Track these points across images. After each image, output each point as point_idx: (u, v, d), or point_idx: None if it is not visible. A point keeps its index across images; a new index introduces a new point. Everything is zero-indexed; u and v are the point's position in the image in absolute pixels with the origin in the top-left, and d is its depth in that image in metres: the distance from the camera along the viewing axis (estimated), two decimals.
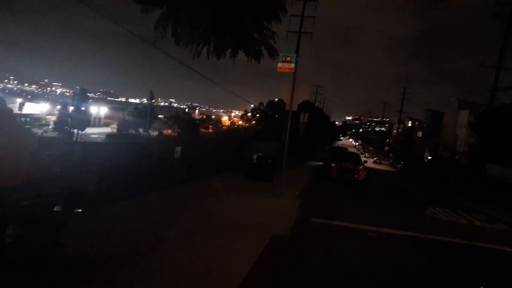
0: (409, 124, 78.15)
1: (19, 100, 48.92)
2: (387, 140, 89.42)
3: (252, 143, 17.16)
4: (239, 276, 3.84)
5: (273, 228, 6.03)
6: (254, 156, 12.26)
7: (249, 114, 76.39)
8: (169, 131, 62.95)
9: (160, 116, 72.08)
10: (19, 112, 42.26)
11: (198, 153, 11.50)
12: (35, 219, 3.42)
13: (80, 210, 4.65)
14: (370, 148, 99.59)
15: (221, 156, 13.22)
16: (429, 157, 54.64)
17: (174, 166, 9.20)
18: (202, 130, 70.40)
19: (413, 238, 6.89)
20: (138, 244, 4.40)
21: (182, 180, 9.22)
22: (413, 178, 30.80)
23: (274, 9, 3.36)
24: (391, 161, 69.19)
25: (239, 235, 5.39)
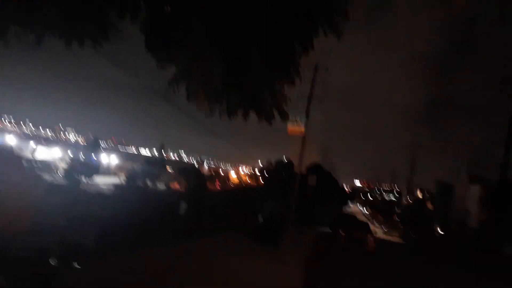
0: (419, 195, 76.67)
1: (32, 145, 49.90)
2: (397, 210, 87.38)
3: (259, 203, 16.92)
4: None
5: None
6: (260, 218, 11.99)
7: (258, 172, 76.31)
8: (177, 185, 62.77)
9: (169, 169, 72.37)
10: (31, 157, 42.92)
11: (204, 210, 11.33)
12: (28, 271, 3.28)
13: (78, 267, 4.48)
14: (379, 217, 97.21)
15: (227, 214, 12.99)
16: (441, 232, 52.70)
17: (178, 223, 9.02)
18: (210, 186, 70.00)
19: None
20: None
21: (186, 236, 8.97)
22: (424, 253, 29.46)
23: (287, 72, 3.46)
24: (401, 232, 67.09)
25: None
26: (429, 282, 11.55)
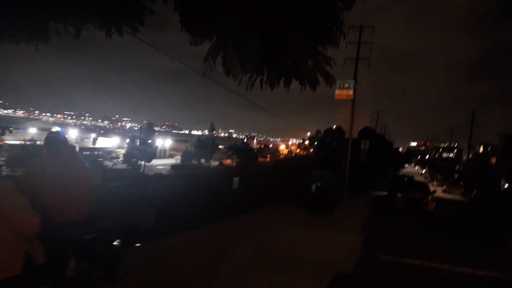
0: (481, 150, 72.05)
1: (93, 135, 53.44)
2: (457, 167, 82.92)
3: (310, 172, 16.79)
4: None
5: (335, 265, 5.64)
6: (313, 186, 11.89)
7: (307, 142, 75.72)
8: (229, 161, 64.39)
9: (220, 146, 74.24)
10: (92, 146, 45.94)
11: (255, 183, 11.46)
12: (95, 253, 3.49)
13: (139, 245, 4.73)
14: (438, 176, 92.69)
15: (279, 186, 13.05)
16: (506, 185, 49.49)
17: (232, 197, 9.21)
18: (260, 159, 71.03)
19: (496, 280, 6.04)
20: (194, 280, 4.31)
21: (240, 211, 9.15)
22: (489, 208, 27.90)
23: (328, 32, 3.21)
24: (462, 190, 63.80)
25: (298, 273, 5.09)
26: (494, 241, 10.89)
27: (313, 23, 3.02)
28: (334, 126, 38.58)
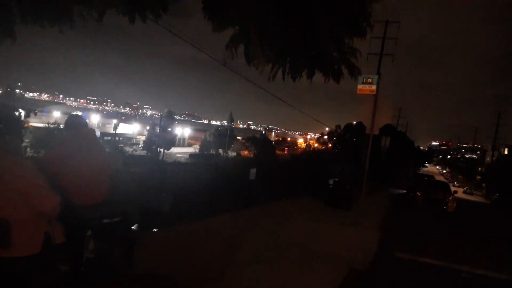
0: (505, 152, 69.75)
1: (114, 121, 54.35)
2: (479, 168, 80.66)
3: (328, 166, 16.63)
4: None
5: (351, 261, 5.57)
6: (331, 181, 11.76)
7: (325, 137, 75.00)
8: (246, 152, 64.52)
9: (238, 137, 74.43)
10: (113, 131, 46.75)
11: (273, 175, 11.42)
12: (113, 236, 3.53)
13: (156, 230, 4.77)
14: (460, 176, 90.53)
15: (296, 179, 12.98)
16: None
17: (248, 188, 9.21)
18: (277, 152, 70.87)
19: None
20: (207, 268, 4.33)
21: (256, 202, 9.14)
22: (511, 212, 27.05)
23: (356, 23, 3.09)
24: (484, 192, 62.05)
25: (312, 266, 5.04)
26: None
27: (341, 11, 2.91)
28: (355, 122, 38.10)
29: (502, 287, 5.74)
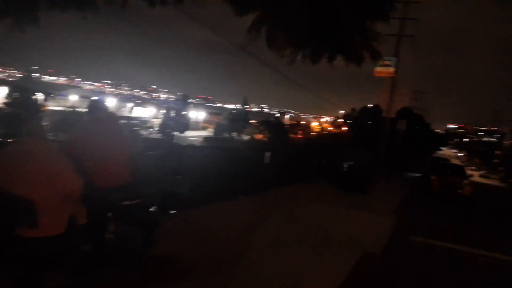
0: None
1: (130, 105, 54.78)
2: (497, 151, 78.93)
3: (343, 150, 16.52)
4: None
5: (365, 245, 5.58)
6: (346, 165, 11.71)
7: (340, 120, 74.18)
8: (260, 135, 64.44)
9: (252, 121, 74.25)
10: (129, 115, 47.19)
11: (287, 159, 11.42)
12: (133, 218, 3.62)
13: (174, 212, 4.86)
14: (476, 160, 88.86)
15: (311, 163, 12.95)
16: None
17: (263, 171, 9.25)
18: (291, 135, 70.56)
19: None
20: (225, 250, 4.41)
21: (271, 185, 9.19)
22: None
23: (380, 7, 3.01)
24: (501, 175, 60.84)
25: (327, 249, 5.09)
26: None
27: None
28: (370, 105, 37.53)
29: None
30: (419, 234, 7.04)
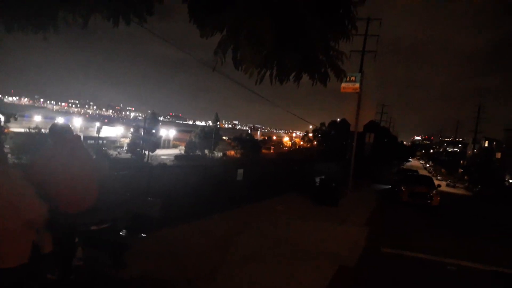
0: (486, 145, 71.84)
1: (97, 124, 53.52)
2: (461, 161, 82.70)
3: (314, 164, 16.79)
4: None
5: (339, 257, 5.65)
6: (317, 179, 11.88)
7: (310, 134, 75.57)
8: (233, 152, 64.45)
9: (224, 137, 74.27)
10: (97, 135, 46.04)
11: (260, 175, 11.48)
12: (102, 242, 3.50)
13: (144, 235, 4.75)
14: (442, 170, 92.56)
15: (283, 178, 13.07)
16: (511, 181, 49.33)
17: (236, 188, 9.24)
18: (264, 151, 71.08)
19: (500, 275, 6.03)
20: (198, 268, 4.34)
21: (245, 201, 9.18)
22: (493, 203, 27.82)
23: (342, 25, 3.14)
24: (466, 184, 63.64)
25: (302, 264, 5.10)
26: (498, 235, 10.85)
27: (329, 14, 2.94)
28: (339, 119, 38.52)
29: (487, 278, 5.91)
30: (391, 246, 7.19)
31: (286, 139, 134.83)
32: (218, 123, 65.41)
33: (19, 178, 2.64)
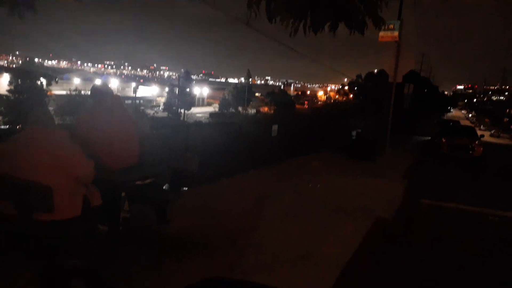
0: None
1: (133, 84, 54.58)
2: (507, 110, 77.89)
3: (350, 118, 16.43)
4: (341, 262, 3.65)
5: (376, 211, 5.64)
6: (353, 133, 11.65)
7: (346, 87, 73.32)
8: (266, 108, 64.25)
9: (257, 94, 73.82)
10: (133, 95, 47.13)
11: (294, 131, 11.41)
12: (146, 197, 3.70)
13: (185, 189, 4.94)
14: (486, 120, 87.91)
15: (318, 133, 12.93)
16: None
17: (271, 144, 9.27)
18: (297, 106, 70.23)
19: None
20: (237, 224, 4.49)
21: (279, 158, 9.24)
22: None
23: None
24: None
25: (339, 218, 5.16)
26: None
27: None
28: (376, 71, 36.92)
29: None
30: (430, 197, 7.07)
31: (320, 93, 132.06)
32: (250, 79, 64.92)
33: (67, 138, 2.78)
